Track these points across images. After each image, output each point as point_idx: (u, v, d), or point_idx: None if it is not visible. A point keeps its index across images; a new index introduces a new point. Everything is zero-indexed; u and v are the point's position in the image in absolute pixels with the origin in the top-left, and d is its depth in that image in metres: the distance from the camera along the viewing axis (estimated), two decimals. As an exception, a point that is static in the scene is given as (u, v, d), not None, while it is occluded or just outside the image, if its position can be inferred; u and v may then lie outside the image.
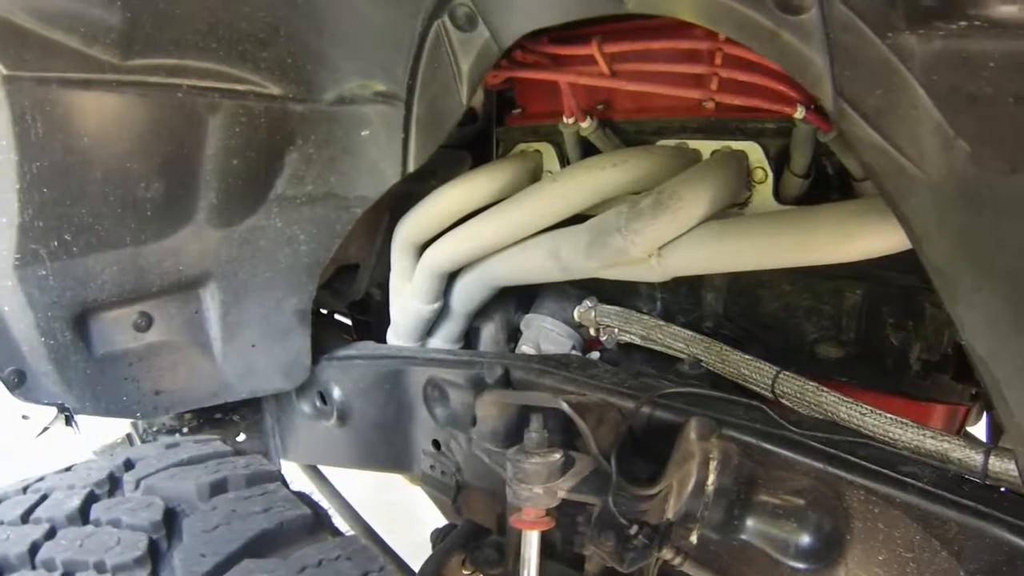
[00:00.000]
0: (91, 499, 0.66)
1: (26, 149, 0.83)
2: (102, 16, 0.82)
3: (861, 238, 0.75)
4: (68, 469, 0.75)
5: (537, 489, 0.76)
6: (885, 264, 0.78)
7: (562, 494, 0.76)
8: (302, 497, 0.70)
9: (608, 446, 0.77)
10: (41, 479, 0.73)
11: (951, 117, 0.54)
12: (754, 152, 0.94)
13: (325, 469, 1.60)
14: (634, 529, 0.73)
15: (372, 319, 1.53)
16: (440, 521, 1.19)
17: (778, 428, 0.75)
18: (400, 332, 1.28)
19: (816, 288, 0.99)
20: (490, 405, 0.85)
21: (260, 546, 0.58)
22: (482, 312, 1.26)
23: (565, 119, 1.04)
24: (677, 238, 0.89)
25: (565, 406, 0.75)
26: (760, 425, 0.76)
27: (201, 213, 0.99)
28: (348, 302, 1.40)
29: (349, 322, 1.62)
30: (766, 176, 0.94)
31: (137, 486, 0.69)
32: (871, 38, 0.56)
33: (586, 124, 1.02)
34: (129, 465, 0.75)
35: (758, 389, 0.89)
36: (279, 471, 0.76)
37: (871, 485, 0.67)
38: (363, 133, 1.02)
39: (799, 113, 0.81)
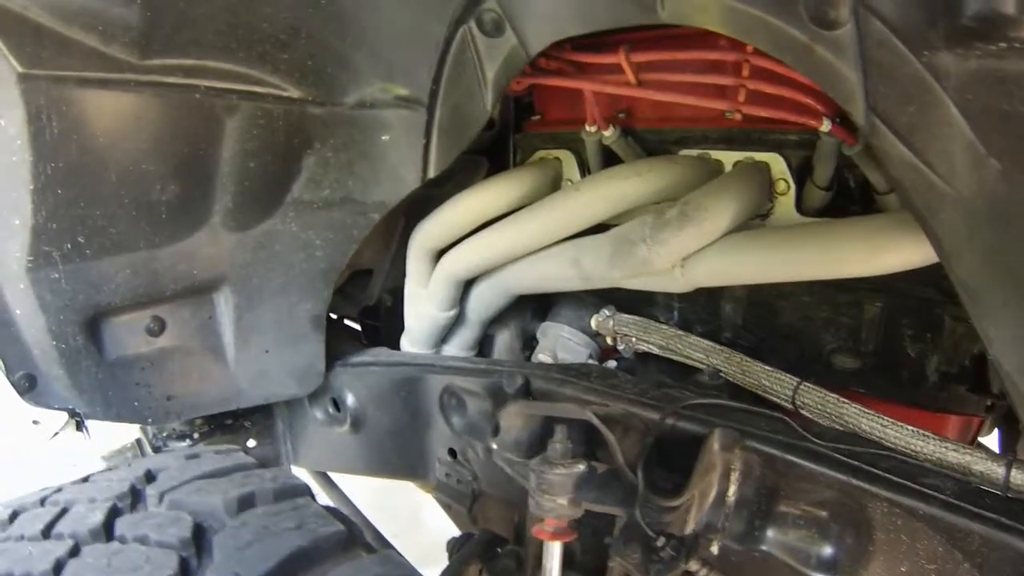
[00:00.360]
0: (114, 513, 0.64)
1: (41, 149, 0.81)
2: (121, 14, 0.80)
3: (889, 252, 0.75)
4: (86, 480, 0.73)
5: (561, 500, 0.76)
6: (905, 277, 0.79)
7: (586, 505, 0.76)
8: (333, 512, 0.68)
9: (633, 457, 0.77)
10: (59, 490, 0.71)
11: (983, 135, 0.55)
12: (776, 163, 0.95)
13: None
14: (661, 541, 0.73)
15: (382, 325, 1.51)
16: (444, 524, 1.18)
17: (801, 440, 0.76)
18: (415, 339, 1.27)
19: (835, 300, 0.99)
20: (514, 415, 0.84)
21: (295, 565, 0.57)
22: (497, 319, 1.25)
23: (588, 127, 1.03)
24: (701, 249, 0.89)
25: (593, 418, 0.74)
26: (783, 437, 0.77)
27: (216, 216, 0.97)
28: (360, 307, 1.39)
29: (358, 327, 1.60)
30: (788, 188, 0.94)
31: (161, 500, 0.67)
32: (906, 55, 0.57)
33: (609, 133, 1.02)
34: (151, 477, 0.73)
35: (778, 400, 0.90)
36: (307, 485, 0.75)
37: (893, 497, 0.67)
38: (383, 138, 1.00)
39: (825, 126, 0.82)
